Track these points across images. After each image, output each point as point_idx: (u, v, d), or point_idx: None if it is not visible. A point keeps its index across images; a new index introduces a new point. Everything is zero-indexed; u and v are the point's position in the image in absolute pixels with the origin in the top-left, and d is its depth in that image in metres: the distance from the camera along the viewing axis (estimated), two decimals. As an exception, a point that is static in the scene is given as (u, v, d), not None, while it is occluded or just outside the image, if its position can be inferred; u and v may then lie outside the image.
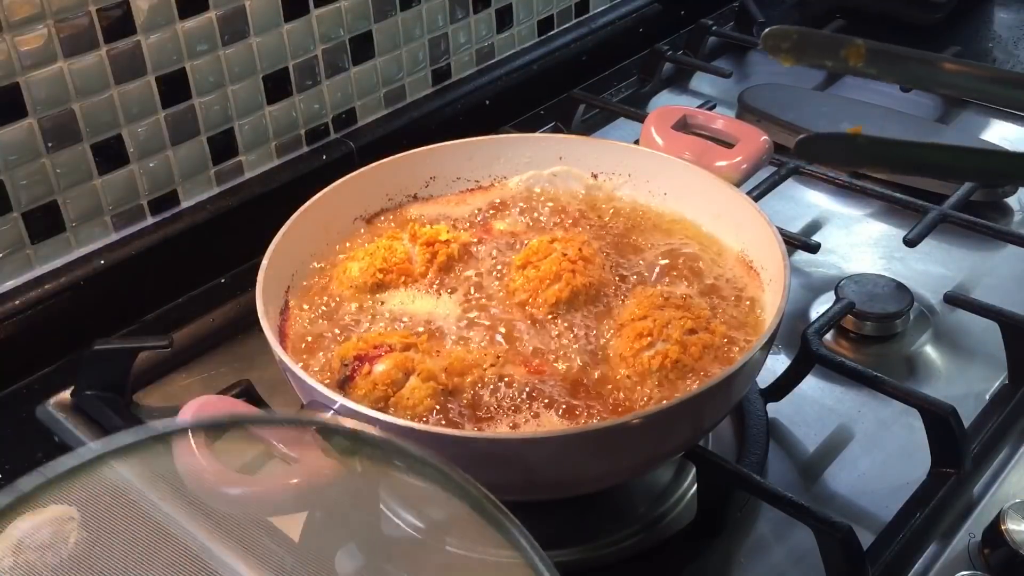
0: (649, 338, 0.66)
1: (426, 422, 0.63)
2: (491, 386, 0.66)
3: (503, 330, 0.71)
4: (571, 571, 0.69)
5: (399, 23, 1.08)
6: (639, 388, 0.65)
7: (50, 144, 0.85)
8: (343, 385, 0.65)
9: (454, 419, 0.64)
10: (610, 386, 0.66)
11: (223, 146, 0.97)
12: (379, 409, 0.63)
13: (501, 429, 0.63)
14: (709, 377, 0.65)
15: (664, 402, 0.63)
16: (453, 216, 0.83)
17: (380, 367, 0.64)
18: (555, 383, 0.66)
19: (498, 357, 0.68)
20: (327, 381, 0.66)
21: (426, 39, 1.12)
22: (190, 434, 0.55)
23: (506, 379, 0.66)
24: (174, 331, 0.86)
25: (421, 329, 0.71)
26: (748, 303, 0.72)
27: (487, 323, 0.72)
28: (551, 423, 0.63)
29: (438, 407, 0.64)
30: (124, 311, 0.91)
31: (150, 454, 0.52)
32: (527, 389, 0.65)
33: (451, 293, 0.75)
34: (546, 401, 0.65)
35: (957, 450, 0.72)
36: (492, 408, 0.65)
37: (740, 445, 0.75)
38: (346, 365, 0.65)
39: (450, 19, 1.14)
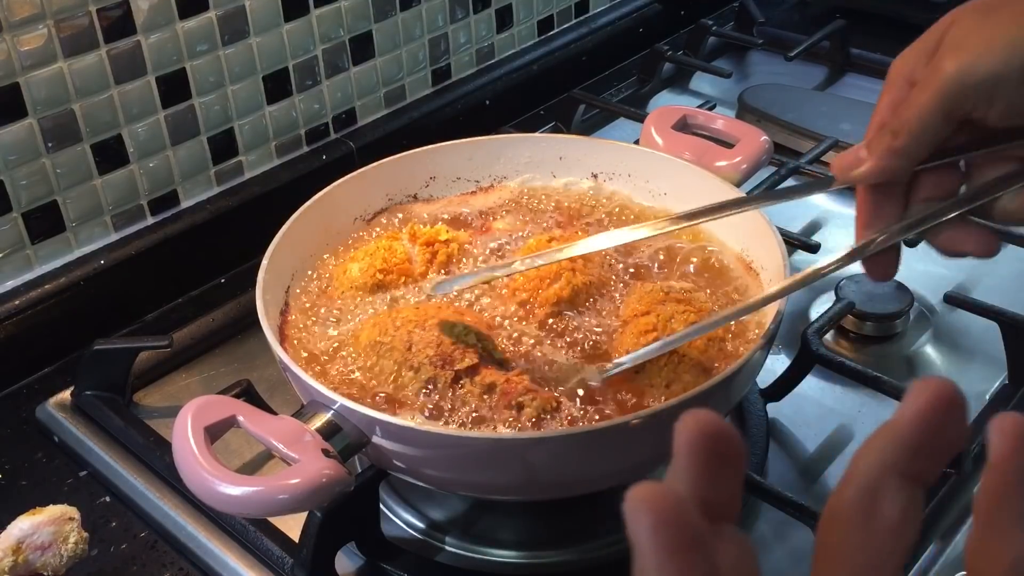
0: (654, 333, 0.66)
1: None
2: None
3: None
4: (571, 571, 0.69)
5: (399, 23, 1.08)
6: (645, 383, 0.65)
7: (50, 144, 0.85)
8: None
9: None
10: (615, 383, 0.66)
11: (223, 146, 0.98)
12: None
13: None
14: (715, 370, 0.64)
15: (664, 402, 0.63)
16: (453, 215, 0.83)
17: None
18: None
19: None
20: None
21: (426, 39, 1.12)
22: (190, 434, 0.55)
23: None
24: (174, 331, 0.86)
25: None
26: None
27: (487, 323, 0.71)
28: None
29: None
30: (124, 311, 0.91)
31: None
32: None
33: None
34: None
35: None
36: None
37: (740, 445, 0.75)
38: None
39: (450, 19, 1.14)
